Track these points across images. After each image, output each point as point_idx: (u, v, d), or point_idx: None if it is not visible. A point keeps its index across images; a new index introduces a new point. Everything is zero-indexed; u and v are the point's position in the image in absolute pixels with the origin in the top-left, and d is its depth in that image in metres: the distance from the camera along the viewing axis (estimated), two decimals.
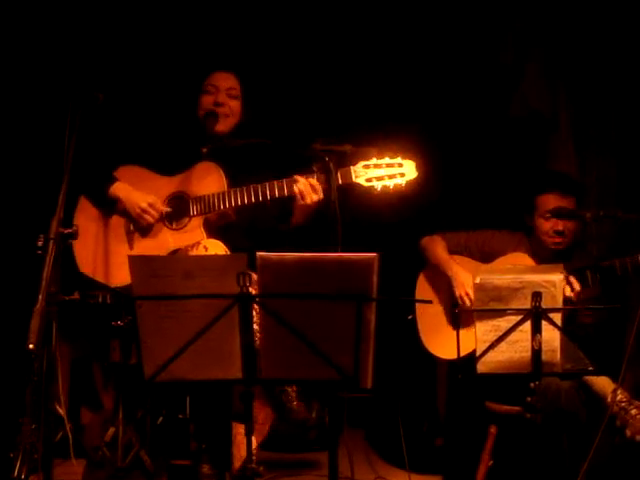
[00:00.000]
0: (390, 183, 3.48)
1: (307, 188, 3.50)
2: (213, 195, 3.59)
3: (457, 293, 3.77)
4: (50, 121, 3.79)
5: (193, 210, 3.62)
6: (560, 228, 3.75)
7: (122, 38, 4.54)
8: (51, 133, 3.35)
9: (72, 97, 3.04)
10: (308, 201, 3.51)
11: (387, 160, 3.50)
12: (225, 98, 3.75)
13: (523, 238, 3.91)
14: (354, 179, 3.48)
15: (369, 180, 3.48)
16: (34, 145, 4.31)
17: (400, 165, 3.49)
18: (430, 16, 4.66)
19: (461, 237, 3.96)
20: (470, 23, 4.62)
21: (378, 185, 3.48)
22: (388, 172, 3.49)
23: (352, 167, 3.49)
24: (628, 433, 3.29)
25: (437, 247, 3.92)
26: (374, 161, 3.49)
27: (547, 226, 3.78)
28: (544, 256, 3.82)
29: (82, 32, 4.49)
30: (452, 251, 3.93)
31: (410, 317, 3.88)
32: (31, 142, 4.34)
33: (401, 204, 3.88)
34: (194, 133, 3.78)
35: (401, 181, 3.48)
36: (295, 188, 3.51)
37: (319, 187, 3.51)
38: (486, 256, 3.89)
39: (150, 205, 3.62)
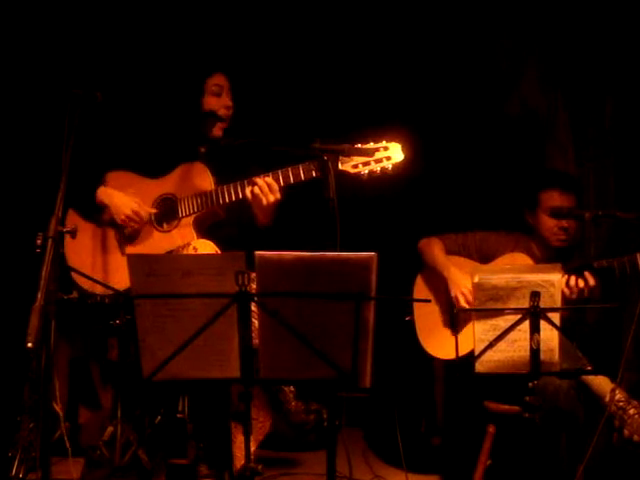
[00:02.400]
0: (377, 167, 3.40)
1: (265, 189, 3.47)
2: (200, 195, 3.58)
3: (453, 293, 3.77)
4: (48, 120, 3.79)
5: (182, 211, 3.61)
6: (565, 225, 3.77)
7: (111, 40, 4.54)
8: (49, 132, 3.34)
9: (70, 96, 3.04)
10: (264, 202, 3.47)
11: (371, 145, 3.41)
12: (230, 101, 3.74)
13: (520, 238, 3.91)
14: (340, 167, 3.40)
15: (355, 166, 3.41)
16: (33, 144, 4.31)
17: (386, 148, 3.41)
18: (430, 16, 4.66)
19: (458, 238, 3.96)
20: (470, 23, 4.62)
21: (365, 170, 3.41)
22: (374, 156, 3.40)
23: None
24: (626, 433, 3.28)
25: (434, 249, 3.92)
26: (358, 147, 3.41)
27: (552, 223, 3.78)
28: (545, 256, 3.82)
29: (78, 33, 4.49)
30: (450, 252, 3.93)
31: (408, 318, 3.89)
32: (30, 141, 4.34)
33: (397, 199, 3.86)
34: (184, 133, 3.76)
35: (387, 164, 3.40)
36: (247, 191, 3.48)
37: (276, 187, 3.47)
38: (484, 256, 3.89)
39: (134, 212, 3.60)
